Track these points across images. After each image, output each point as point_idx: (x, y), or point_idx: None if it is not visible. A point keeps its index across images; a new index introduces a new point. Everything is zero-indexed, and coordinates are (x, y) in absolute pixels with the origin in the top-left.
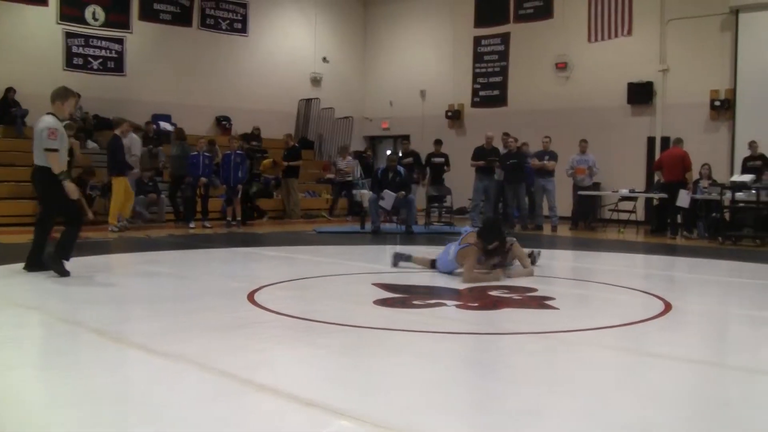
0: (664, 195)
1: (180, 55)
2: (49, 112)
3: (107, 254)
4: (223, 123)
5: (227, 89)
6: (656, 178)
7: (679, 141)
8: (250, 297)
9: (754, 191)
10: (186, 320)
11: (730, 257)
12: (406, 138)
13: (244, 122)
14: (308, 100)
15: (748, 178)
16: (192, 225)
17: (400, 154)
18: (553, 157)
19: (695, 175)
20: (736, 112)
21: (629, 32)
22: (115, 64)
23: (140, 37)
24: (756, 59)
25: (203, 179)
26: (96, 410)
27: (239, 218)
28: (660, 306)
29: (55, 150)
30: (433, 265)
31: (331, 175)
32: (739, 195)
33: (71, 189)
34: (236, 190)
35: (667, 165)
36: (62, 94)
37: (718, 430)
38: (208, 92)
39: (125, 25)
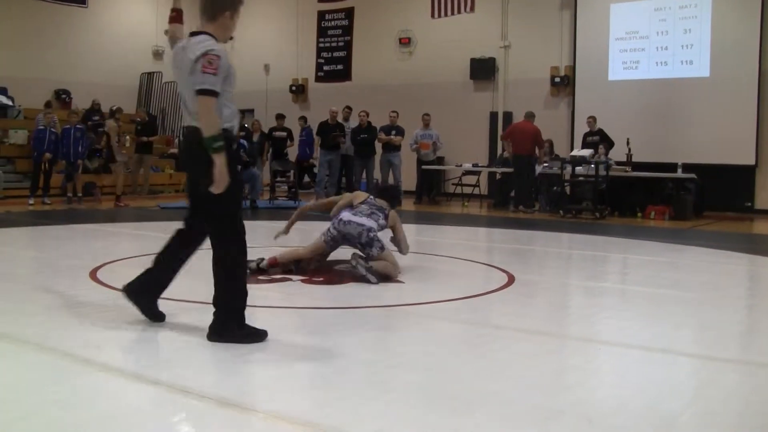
0: (507, 169)
1: (15, 26)
2: (201, 30)
3: None
4: (62, 96)
5: (66, 62)
6: (499, 152)
7: (531, 115)
8: (92, 275)
9: (592, 165)
10: (24, 300)
11: (570, 230)
12: (250, 112)
13: (84, 96)
14: (150, 74)
15: (587, 152)
16: (31, 201)
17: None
18: (400, 132)
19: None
20: (575, 89)
21: (472, 9)
22: None
23: None
24: (593, 38)
25: (47, 154)
26: None
27: (80, 194)
28: (503, 278)
29: (213, 93)
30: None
31: (174, 150)
32: (579, 169)
33: (220, 170)
34: (76, 165)
35: (516, 138)
36: (229, 1)
37: (558, 397)
38: (46, 65)
39: None
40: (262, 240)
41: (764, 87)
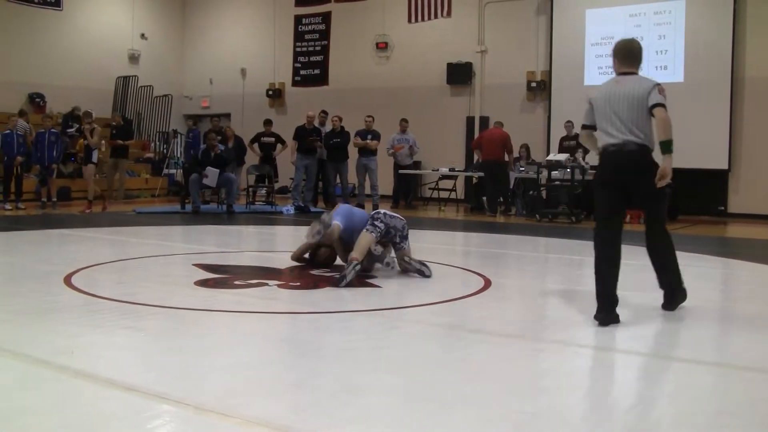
0: (482, 174)
1: None
2: (631, 71)
3: None
4: (36, 100)
5: (40, 65)
6: (476, 157)
7: (499, 124)
8: (66, 280)
9: (568, 170)
10: None
11: (546, 234)
12: (226, 116)
13: (58, 99)
14: (126, 78)
15: (563, 157)
16: (8, 207)
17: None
18: (376, 136)
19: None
20: (551, 94)
21: (448, 14)
22: None
23: None
24: (569, 43)
25: (19, 158)
26: None
27: (54, 198)
28: (480, 282)
29: (665, 106)
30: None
31: (150, 155)
32: (555, 174)
33: (670, 166)
34: (50, 169)
35: (486, 144)
36: (641, 58)
37: (534, 400)
38: (19, 68)
39: None
40: (242, 245)
41: (737, 92)
